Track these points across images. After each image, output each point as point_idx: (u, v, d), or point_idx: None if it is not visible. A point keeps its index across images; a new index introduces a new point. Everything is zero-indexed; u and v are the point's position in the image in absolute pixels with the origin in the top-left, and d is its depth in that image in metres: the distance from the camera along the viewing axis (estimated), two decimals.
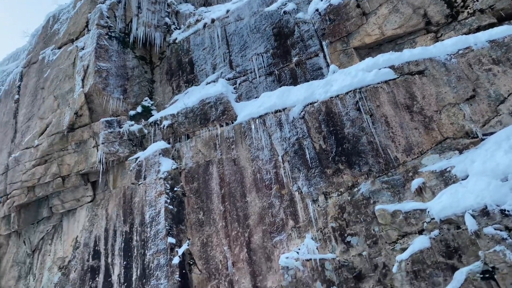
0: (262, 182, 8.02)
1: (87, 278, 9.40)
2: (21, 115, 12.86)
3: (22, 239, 11.55)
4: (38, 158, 10.74)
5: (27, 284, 10.83)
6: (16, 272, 11.19)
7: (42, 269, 10.71)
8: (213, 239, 8.14)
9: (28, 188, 10.90)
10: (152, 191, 9.19)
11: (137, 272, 8.46)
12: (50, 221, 11.28)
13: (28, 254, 11.34)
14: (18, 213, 11.28)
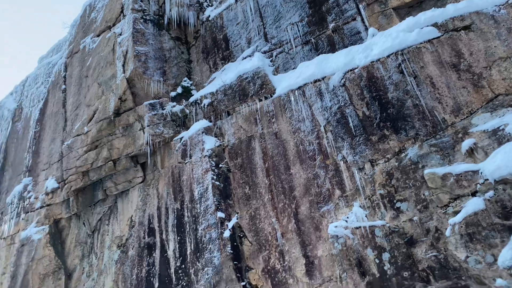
0: (305, 154, 8.02)
1: (144, 254, 9.92)
2: (69, 104, 13.47)
3: (82, 221, 12.32)
4: (89, 144, 11.27)
5: (90, 262, 11.60)
6: (79, 252, 11.99)
7: (103, 248, 11.41)
8: (260, 212, 8.29)
9: (82, 173, 11.53)
10: (199, 169, 9.44)
11: (191, 246, 8.82)
12: (106, 202, 11.92)
13: (88, 235, 12.09)
14: (76, 197, 11.99)
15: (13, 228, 13.75)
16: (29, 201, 13.34)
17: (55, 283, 11.28)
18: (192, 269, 8.54)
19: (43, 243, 11.85)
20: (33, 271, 11.70)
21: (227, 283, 7.73)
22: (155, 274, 9.35)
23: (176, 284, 8.74)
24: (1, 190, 15.93)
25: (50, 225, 12.26)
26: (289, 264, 7.43)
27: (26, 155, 15.02)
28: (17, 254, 12.64)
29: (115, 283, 10.21)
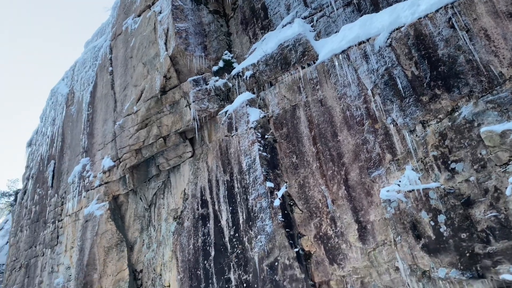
0: (352, 119, 7.88)
1: (199, 225, 10.34)
2: (117, 85, 13.96)
3: (138, 196, 12.97)
4: (139, 122, 11.70)
5: (149, 234, 12.27)
6: (138, 225, 12.70)
7: (160, 220, 12.00)
8: (309, 180, 8.33)
9: (135, 151, 12.05)
10: (245, 141, 9.56)
11: (243, 216, 9.07)
12: (159, 178, 12.45)
13: (145, 209, 12.74)
14: (131, 174, 12.59)
15: (77, 206, 14.74)
16: (88, 180, 14.19)
17: (118, 255, 12.07)
18: (245, 237, 8.82)
19: (104, 218, 12.65)
20: (98, 245, 12.56)
21: (280, 250, 7.92)
22: (210, 243, 9.75)
23: (231, 252, 9.08)
24: (62, 171, 17.02)
25: (109, 201, 13.04)
26: (341, 229, 7.47)
27: (81, 137, 15.87)
28: (82, 229, 13.59)
29: (174, 253, 10.76)
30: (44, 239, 16.57)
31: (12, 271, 19.46)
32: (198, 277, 9.69)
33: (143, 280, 11.60)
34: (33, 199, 19.42)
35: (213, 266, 9.44)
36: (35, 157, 21.04)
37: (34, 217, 18.63)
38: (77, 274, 12.92)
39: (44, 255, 16.22)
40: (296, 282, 7.49)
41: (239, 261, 8.79)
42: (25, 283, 17.29)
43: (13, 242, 20.80)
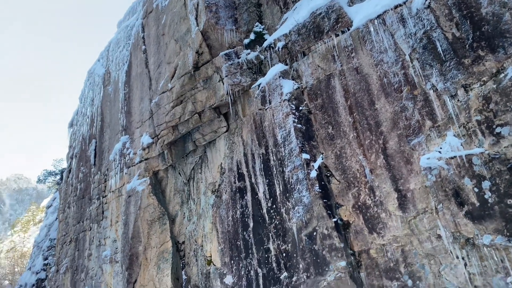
0: (390, 86, 7.66)
1: (237, 197, 10.53)
2: (151, 63, 14.17)
3: (177, 171, 13.33)
4: (174, 99, 11.89)
5: (189, 207, 12.64)
6: (178, 199, 13.10)
7: (199, 194, 12.32)
8: (346, 150, 8.25)
9: (172, 127, 12.30)
10: (279, 113, 9.54)
11: (280, 187, 9.16)
12: (196, 153, 12.71)
13: (184, 183, 13.09)
14: (169, 150, 12.92)
15: (119, 182, 15.35)
16: (129, 157, 14.69)
17: (161, 228, 12.56)
18: (283, 209, 8.93)
19: (146, 193, 13.12)
20: (141, 218, 13.11)
21: (318, 220, 7.98)
22: (248, 214, 9.94)
23: (269, 223, 9.24)
24: (103, 149, 17.69)
25: (150, 177, 13.48)
26: (380, 199, 7.41)
27: (120, 116, 16.35)
28: (126, 204, 14.18)
29: (214, 225, 11.07)
30: (90, 215, 17.45)
31: (63, 245, 20.72)
32: (238, 247, 9.96)
33: (185, 251, 12.06)
34: (78, 177, 20.37)
35: (252, 237, 9.65)
36: (77, 137, 21.92)
37: (79, 194, 19.59)
38: (123, 246, 13.58)
39: (91, 230, 17.12)
40: (336, 251, 7.56)
41: (278, 232, 8.94)
42: (76, 256, 18.39)
43: (62, 218, 22.05)
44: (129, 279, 12.69)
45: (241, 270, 9.66)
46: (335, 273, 7.44)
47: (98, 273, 15.23)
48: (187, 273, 11.67)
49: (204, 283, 10.77)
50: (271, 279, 8.77)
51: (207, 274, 10.76)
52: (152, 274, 11.89)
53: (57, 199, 30.75)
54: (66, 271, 18.82)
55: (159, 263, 11.88)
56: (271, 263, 8.89)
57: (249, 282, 9.33)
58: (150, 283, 11.78)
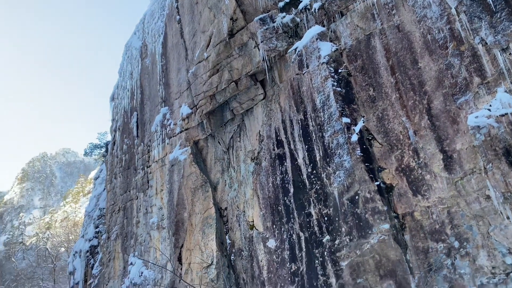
0: (434, 43, 7.29)
1: (276, 164, 10.60)
2: (186, 33, 14.18)
3: (217, 140, 13.53)
4: (210, 68, 11.92)
5: (230, 175, 12.88)
6: (219, 167, 13.36)
7: (238, 162, 12.49)
8: (388, 112, 8.04)
9: (210, 97, 12.40)
10: (317, 77, 9.36)
11: (320, 153, 9.11)
12: (234, 122, 12.80)
13: (224, 152, 13.29)
14: (208, 119, 13.08)
15: (162, 152, 15.81)
16: (169, 128, 15.03)
17: (204, 195, 12.92)
18: (323, 174, 8.91)
19: (188, 162, 13.47)
20: (185, 186, 13.52)
21: (360, 184, 7.93)
22: (289, 180, 10.01)
23: (310, 188, 9.27)
24: (145, 121, 18.18)
25: (191, 146, 13.79)
26: (425, 160, 7.23)
27: (158, 88, 16.64)
28: (169, 173, 14.65)
29: (254, 191, 11.26)
30: (136, 184, 18.19)
31: (112, 213, 21.83)
32: (279, 212, 10.12)
33: (228, 217, 12.39)
34: (122, 149, 21.14)
35: (293, 202, 9.75)
36: (119, 110, 22.60)
37: (125, 165, 20.39)
38: (169, 213, 14.15)
39: (138, 198, 17.88)
40: (378, 214, 7.52)
41: (319, 196, 8.98)
42: (125, 223, 19.37)
43: (109, 188, 23.14)
44: (176, 243, 13.28)
45: (283, 234, 9.85)
46: (378, 236, 7.44)
47: (147, 239, 16.01)
48: (231, 237, 12.04)
49: (248, 246, 11.09)
50: (313, 242, 8.90)
51: (250, 238, 11.05)
52: (197, 238, 12.36)
53: (104, 171, 32.21)
54: (117, 238, 19.91)
55: (204, 228, 12.31)
56: (313, 227, 8.99)
57: (291, 245, 9.51)
58: (196, 247, 12.27)
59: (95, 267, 26.50)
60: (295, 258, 9.32)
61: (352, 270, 7.79)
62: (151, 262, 14.50)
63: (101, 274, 23.50)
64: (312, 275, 8.71)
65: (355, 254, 7.78)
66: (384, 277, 7.28)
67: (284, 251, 9.68)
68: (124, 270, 17.79)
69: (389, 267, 7.25)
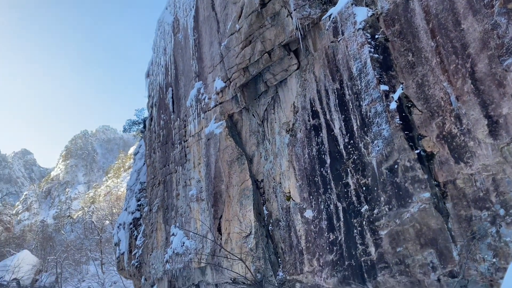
0: (479, 2, 6.86)
1: (312, 135, 10.54)
2: (217, 5, 14.05)
3: (251, 113, 13.57)
4: (243, 40, 11.82)
5: (265, 147, 12.95)
6: (254, 140, 13.44)
7: (273, 134, 12.51)
8: (428, 78, 7.73)
9: (243, 69, 12.36)
10: (353, 44, 9.10)
11: (357, 122, 8.96)
12: (268, 94, 12.74)
13: (259, 124, 13.33)
14: (241, 92, 13.10)
15: (197, 127, 16.06)
16: (204, 102, 15.19)
17: (240, 167, 13.10)
18: (361, 143, 8.79)
19: (223, 135, 13.63)
20: (221, 159, 13.75)
21: (399, 153, 7.77)
22: (325, 151, 9.96)
23: (347, 158, 9.19)
24: (180, 96, 18.44)
25: (226, 120, 13.92)
26: (468, 127, 6.95)
27: (192, 62, 16.73)
28: (206, 147, 14.91)
29: (290, 163, 11.29)
30: (174, 158, 18.67)
31: (153, 187, 22.61)
32: (316, 183, 10.13)
33: (264, 188, 12.56)
34: (159, 124, 21.64)
35: (330, 173, 9.72)
36: (155, 87, 23.00)
37: (163, 140, 20.91)
38: (207, 186, 14.49)
39: (177, 172, 18.39)
40: (419, 183, 7.38)
41: (356, 167, 8.89)
42: (165, 196, 20.04)
43: (149, 163, 23.88)
44: (215, 215, 13.65)
45: (321, 204, 9.88)
46: (418, 205, 7.33)
47: (187, 210, 16.54)
48: (268, 208, 12.23)
49: (285, 217, 11.24)
50: (351, 212, 8.89)
51: (287, 209, 11.18)
52: (235, 210, 12.65)
53: (143, 146, 33.16)
54: (158, 210, 20.68)
55: (241, 199, 12.55)
56: (351, 197, 8.96)
57: (329, 215, 9.55)
58: (234, 218, 12.58)
59: (138, 238, 27.78)
60: (333, 228, 9.38)
61: (392, 239, 7.76)
62: (192, 231, 15.01)
63: (144, 244, 24.63)
64: (350, 244, 8.75)
65: (394, 223, 7.72)
66: (425, 245, 7.21)
67: (322, 221, 9.74)
68: (166, 241, 18.56)
69: (430, 236, 7.16)
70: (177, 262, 16.43)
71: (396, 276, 7.63)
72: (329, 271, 9.22)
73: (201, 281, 15.75)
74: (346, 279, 8.72)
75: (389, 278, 7.76)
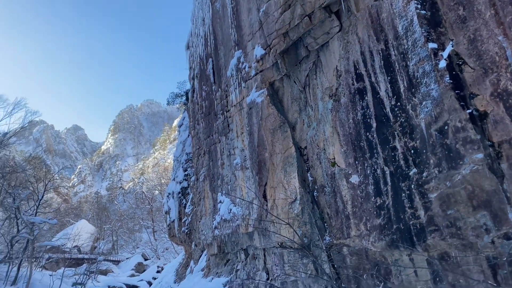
0: None
1: (356, 99, 10.30)
2: None
3: (292, 80, 13.42)
4: (282, 4, 11.57)
5: (307, 114, 12.84)
6: (296, 107, 13.35)
7: (316, 100, 12.35)
8: (482, 33, 7.26)
9: (283, 35, 12.15)
10: (398, 1, 8.67)
11: (404, 83, 8.65)
12: (309, 59, 12.50)
13: (300, 91, 13.19)
14: (282, 59, 12.93)
15: (239, 96, 16.14)
16: (245, 71, 15.16)
17: (283, 135, 13.13)
18: (409, 105, 8.50)
19: (265, 104, 13.63)
20: (264, 128, 13.82)
21: (450, 113, 7.46)
22: (370, 115, 9.73)
23: (394, 121, 8.95)
24: (220, 66, 18.50)
25: (267, 88, 13.86)
26: None
27: (230, 31, 16.63)
28: (248, 116, 15.01)
29: (334, 129, 11.16)
30: (217, 129, 18.98)
31: (198, 157, 23.22)
32: (361, 148, 9.99)
33: (308, 155, 12.55)
34: (201, 95, 21.94)
35: (376, 137, 9.53)
36: (195, 58, 23.18)
37: (205, 111, 21.25)
38: (251, 154, 14.68)
39: (221, 142, 18.72)
40: (471, 143, 7.08)
41: (404, 129, 8.65)
42: (210, 165, 20.56)
43: (193, 134, 24.45)
44: (260, 182, 13.88)
45: (367, 169, 9.77)
46: (470, 166, 7.07)
47: (232, 179, 16.92)
48: (312, 175, 12.26)
49: (330, 183, 11.23)
50: (399, 176, 8.74)
51: (332, 175, 11.15)
52: (280, 177, 12.79)
53: (186, 118, 33.89)
54: (205, 179, 21.31)
55: (285, 167, 12.65)
56: (398, 160, 8.78)
57: (375, 180, 9.44)
58: (279, 185, 12.74)
59: (187, 206, 28.93)
60: (380, 192, 9.28)
61: (442, 202, 7.59)
62: (239, 197, 15.40)
63: (193, 212, 25.61)
64: (398, 208, 8.65)
65: (444, 186, 7.52)
66: (478, 208, 7.00)
67: (368, 186, 9.66)
68: (214, 208, 19.20)
69: (483, 198, 6.93)
70: (225, 228, 17.01)
71: (447, 239, 7.50)
72: (377, 235, 9.21)
73: (249, 245, 16.27)
74: (395, 242, 8.68)
75: (440, 241, 7.65)
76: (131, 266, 63.82)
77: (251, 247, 16.18)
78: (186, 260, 32.53)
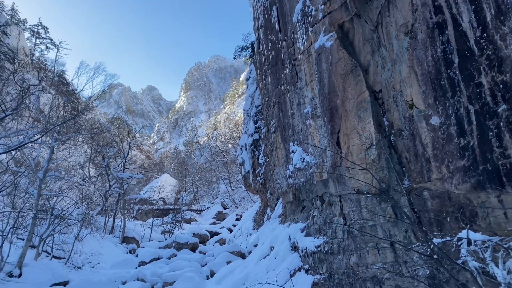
0: None
1: (435, 34, 9.50)
2: None
3: (363, 19, 12.66)
4: None
5: (381, 55, 12.16)
6: (368, 48, 12.68)
7: (390, 39, 11.60)
8: None
9: None
10: None
11: (491, 12, 7.78)
12: None
13: (372, 31, 12.44)
14: None
15: (306, 43, 15.68)
16: (311, 15, 14.58)
17: (355, 80, 12.65)
18: (497, 36, 7.67)
19: (335, 48, 13.11)
20: (334, 73, 13.40)
21: None
22: (452, 50, 8.97)
23: (479, 55, 8.17)
24: (285, 13, 17.95)
25: (336, 31, 13.26)
26: None
27: None
28: (317, 63, 14.60)
29: (411, 68, 10.49)
30: (285, 79, 18.79)
31: (268, 109, 23.37)
32: (442, 87, 9.33)
33: (383, 99, 12.03)
34: (267, 46, 21.66)
35: (458, 74, 8.82)
36: (259, 8, 22.71)
37: (272, 62, 21.04)
38: (322, 102, 14.43)
39: (289, 92, 18.59)
40: None
41: (491, 63, 7.88)
42: (281, 116, 20.63)
43: (261, 86, 24.49)
44: (333, 130, 13.69)
45: (448, 109, 9.16)
46: None
47: (303, 128, 16.89)
48: (389, 119, 11.79)
49: (408, 126, 10.75)
50: (485, 114, 8.09)
51: (410, 117, 10.64)
52: (353, 123, 12.49)
53: (253, 71, 33.92)
54: (276, 130, 21.52)
55: (359, 112, 12.29)
56: (485, 97, 8.09)
57: (458, 120, 8.85)
58: (353, 131, 12.47)
59: (260, 157, 29.67)
60: (463, 132, 8.72)
61: None
62: (313, 145, 15.41)
63: (266, 163, 26.24)
64: (485, 148, 8.10)
65: None
66: None
67: (451, 127, 9.10)
68: (286, 158, 19.47)
69: None
70: (299, 176, 17.26)
71: None
72: (461, 177, 8.77)
73: (324, 193, 16.42)
74: (481, 184, 8.22)
75: None
76: (212, 215, 68.20)
77: (327, 194, 16.31)
78: (262, 208, 33.90)
